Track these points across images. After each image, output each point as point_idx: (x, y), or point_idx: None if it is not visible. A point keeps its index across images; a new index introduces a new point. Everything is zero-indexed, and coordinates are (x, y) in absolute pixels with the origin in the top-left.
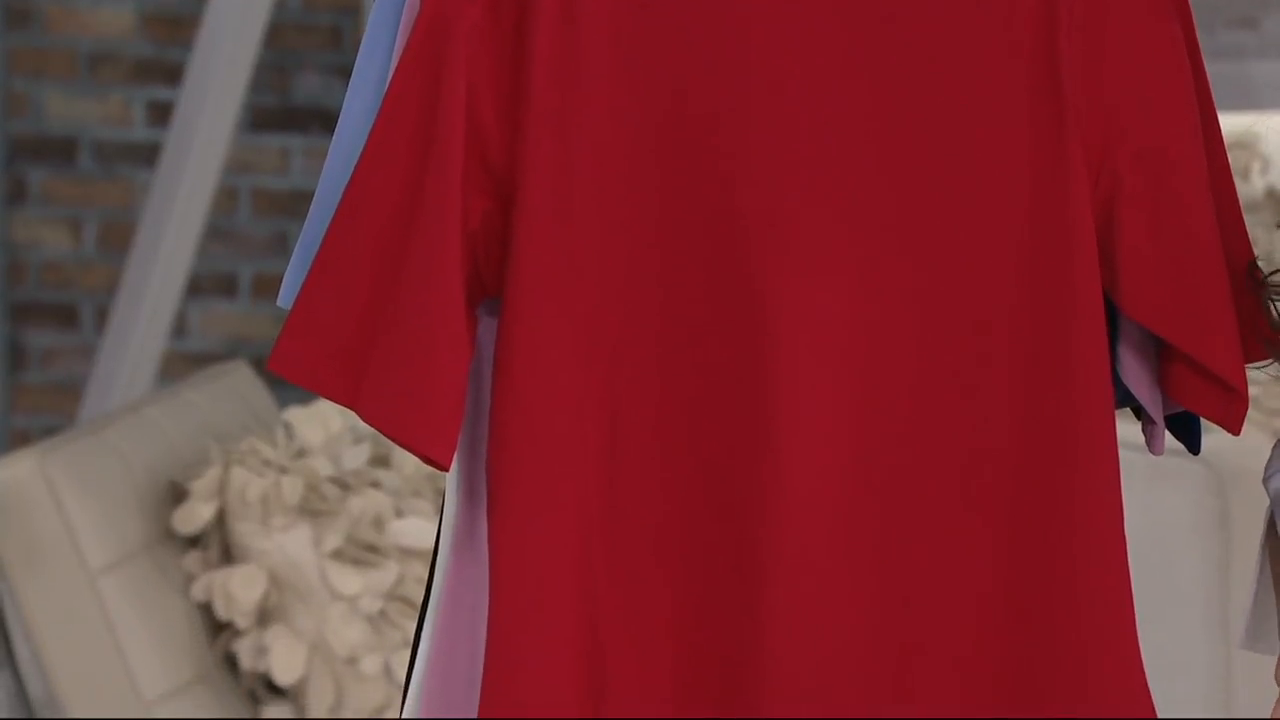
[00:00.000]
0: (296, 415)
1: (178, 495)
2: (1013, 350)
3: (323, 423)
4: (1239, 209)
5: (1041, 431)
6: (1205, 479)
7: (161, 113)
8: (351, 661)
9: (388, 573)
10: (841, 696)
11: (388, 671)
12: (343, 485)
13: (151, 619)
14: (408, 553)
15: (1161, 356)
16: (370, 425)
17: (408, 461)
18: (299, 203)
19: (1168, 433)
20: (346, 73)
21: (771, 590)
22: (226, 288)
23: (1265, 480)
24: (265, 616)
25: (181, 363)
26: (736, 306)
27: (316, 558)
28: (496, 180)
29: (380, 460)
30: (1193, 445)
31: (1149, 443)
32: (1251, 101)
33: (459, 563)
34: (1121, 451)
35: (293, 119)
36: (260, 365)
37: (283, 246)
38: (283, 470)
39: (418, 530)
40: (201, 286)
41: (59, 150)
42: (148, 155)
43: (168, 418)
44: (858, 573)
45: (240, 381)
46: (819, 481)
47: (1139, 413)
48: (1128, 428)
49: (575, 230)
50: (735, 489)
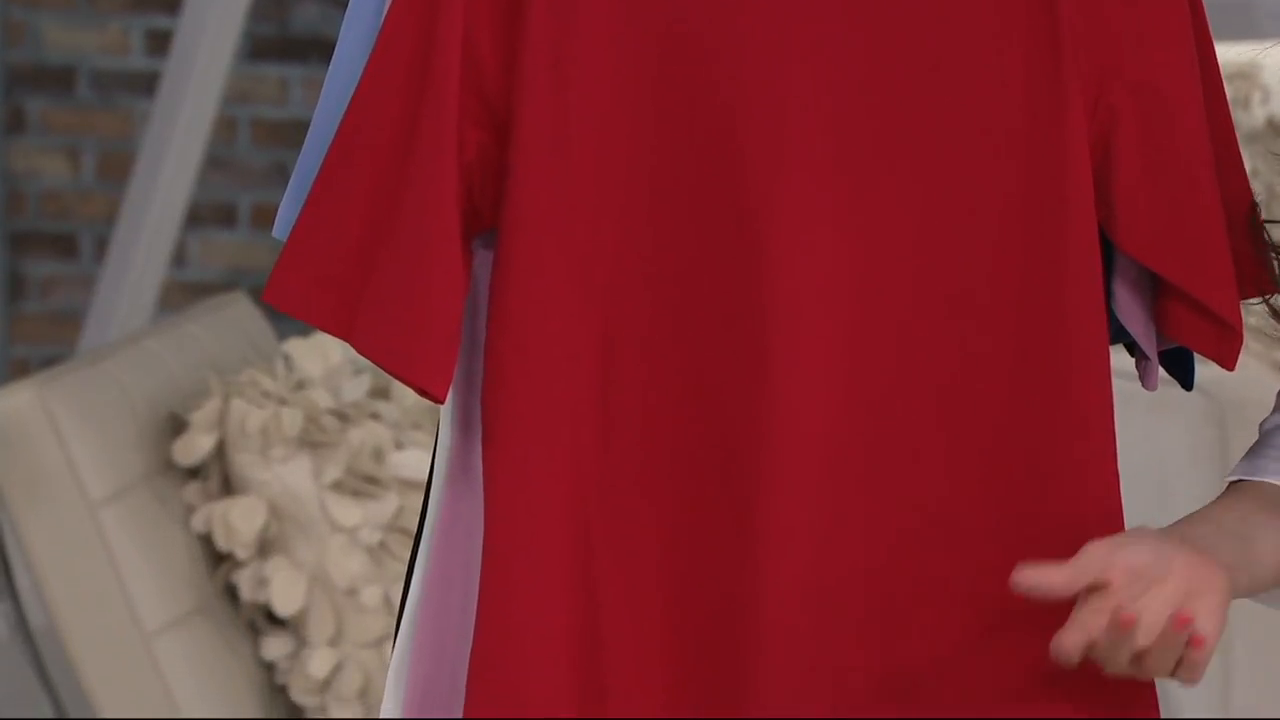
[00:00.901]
0: (296, 347)
1: (177, 426)
2: (1007, 283)
3: (322, 354)
4: (1236, 144)
5: (1035, 365)
6: (1204, 409)
7: (160, 42)
8: (351, 593)
9: (387, 504)
10: (835, 621)
11: (388, 602)
12: (342, 417)
13: (151, 550)
14: (407, 484)
15: (1156, 292)
16: (364, 357)
17: (407, 393)
18: (298, 132)
19: (1161, 368)
20: (345, 2)
21: (765, 516)
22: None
23: (1262, 423)
24: (265, 547)
25: (181, 292)
26: (732, 237)
27: (316, 489)
28: (493, 112)
29: (380, 392)
30: (1186, 381)
31: (1142, 378)
32: (1253, 31)
33: (453, 494)
34: (1120, 382)
35: (292, 48)
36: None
37: (282, 176)
38: (282, 402)
39: (417, 462)
40: (201, 216)
41: (57, 79)
42: (146, 84)
43: (167, 349)
44: (850, 499)
45: (240, 313)
46: (813, 410)
47: (1132, 348)
48: (1127, 358)
49: (572, 162)
50: (730, 418)
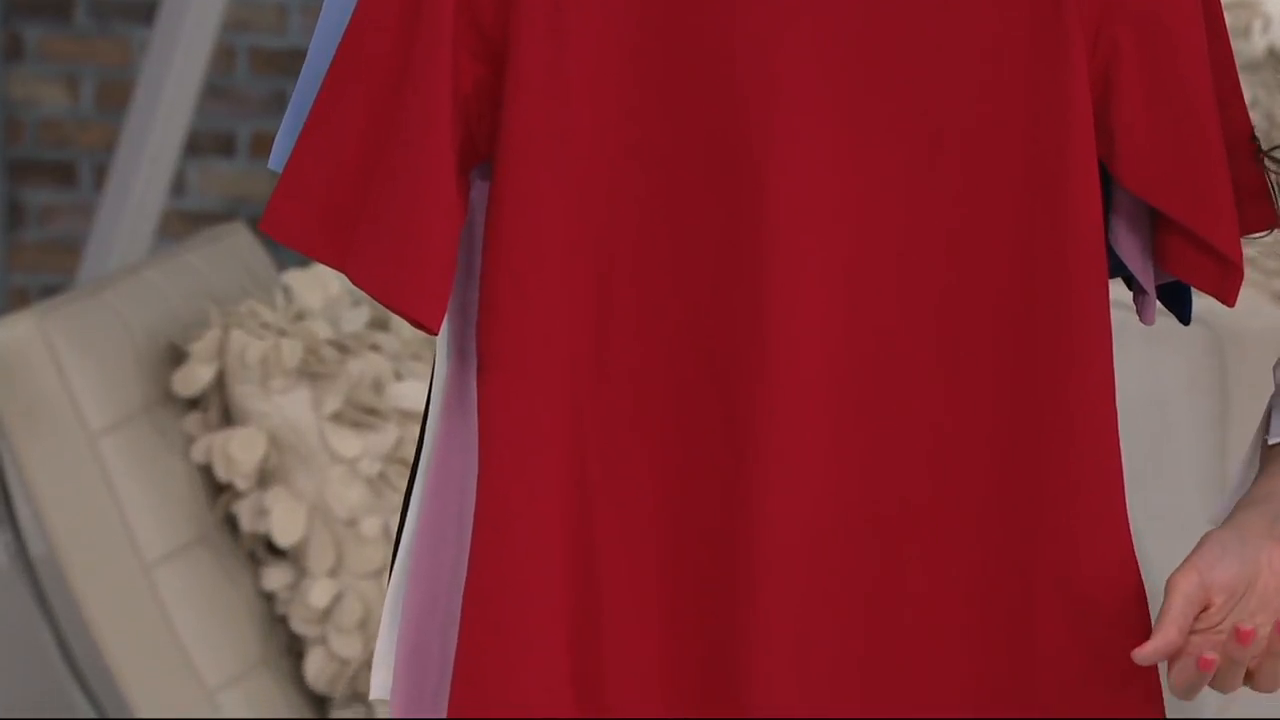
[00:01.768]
0: (295, 278)
1: (177, 357)
2: (1005, 219)
3: (321, 285)
4: (1236, 75)
5: (1034, 301)
6: (1203, 339)
7: None
8: (351, 523)
9: (387, 435)
10: (834, 557)
11: (387, 533)
12: (342, 348)
13: (151, 480)
14: (407, 415)
15: (1156, 227)
16: (359, 288)
17: (407, 325)
18: (297, 61)
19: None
20: None
21: (763, 451)
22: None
23: (1276, 367)
24: (265, 478)
25: (180, 221)
26: (728, 172)
27: (316, 420)
28: (489, 43)
29: (379, 323)
30: (1183, 316)
31: (1140, 313)
32: None
33: (449, 425)
34: (1118, 313)
35: None
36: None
37: (280, 105)
38: (282, 333)
39: (417, 393)
40: (200, 145)
41: (56, 7)
42: (145, 12)
43: (167, 280)
44: (849, 435)
45: (239, 243)
46: (810, 347)
47: (1130, 283)
48: (1125, 289)
49: (568, 95)
50: (726, 354)
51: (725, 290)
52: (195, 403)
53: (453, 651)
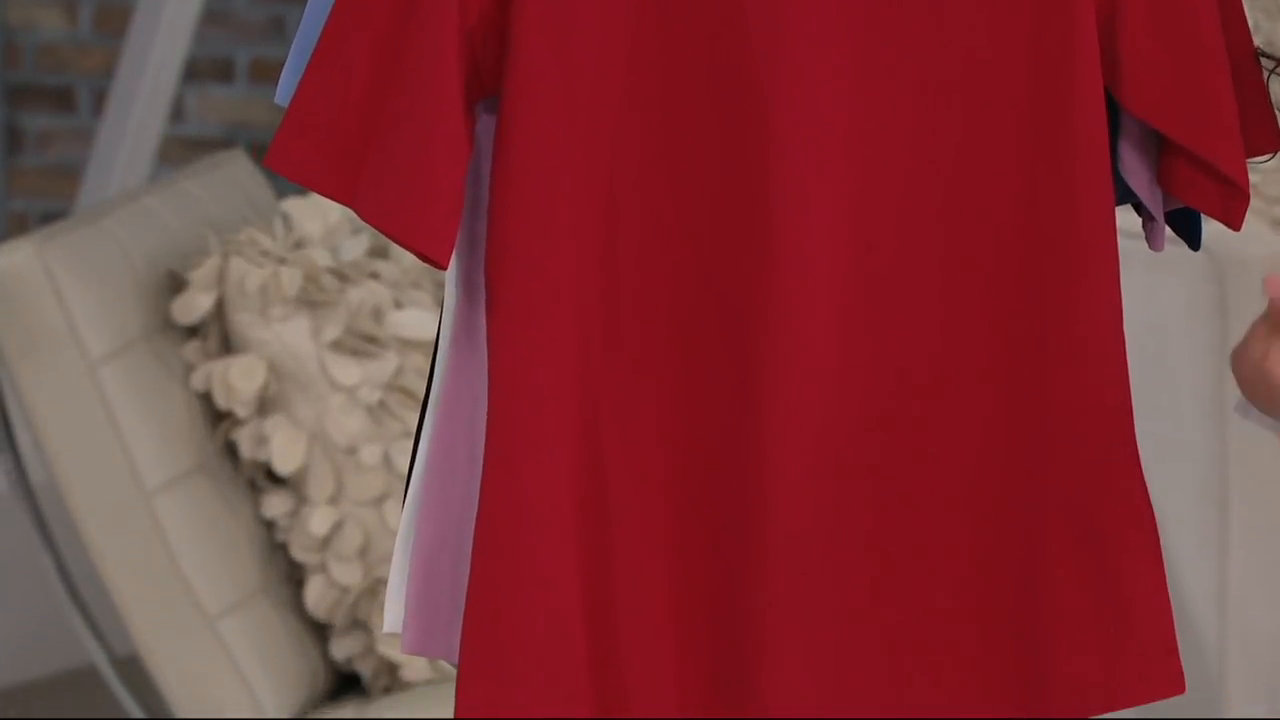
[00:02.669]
0: (295, 206)
1: (176, 285)
2: (1011, 145)
3: (321, 213)
4: (1241, 2)
5: (1040, 226)
6: (1204, 266)
7: None
8: (351, 451)
9: (387, 363)
10: (839, 481)
11: (387, 461)
12: (341, 276)
13: (151, 408)
14: (407, 344)
15: (1162, 152)
16: (368, 223)
17: (406, 253)
18: None
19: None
20: None
21: (772, 376)
22: (223, 72)
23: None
24: (265, 406)
25: (179, 147)
26: (735, 100)
27: (315, 348)
28: None
29: (379, 251)
30: (1193, 241)
31: (1149, 239)
32: None
33: (458, 358)
34: (1121, 240)
35: None
36: (258, 151)
37: (280, 31)
38: (281, 261)
39: (417, 321)
40: (198, 71)
41: None
42: None
43: (166, 207)
44: (855, 363)
45: (238, 171)
46: (817, 272)
47: (1139, 209)
48: (1127, 216)
49: (574, 27)
50: (733, 281)
51: (733, 218)
52: (195, 330)
53: (464, 587)
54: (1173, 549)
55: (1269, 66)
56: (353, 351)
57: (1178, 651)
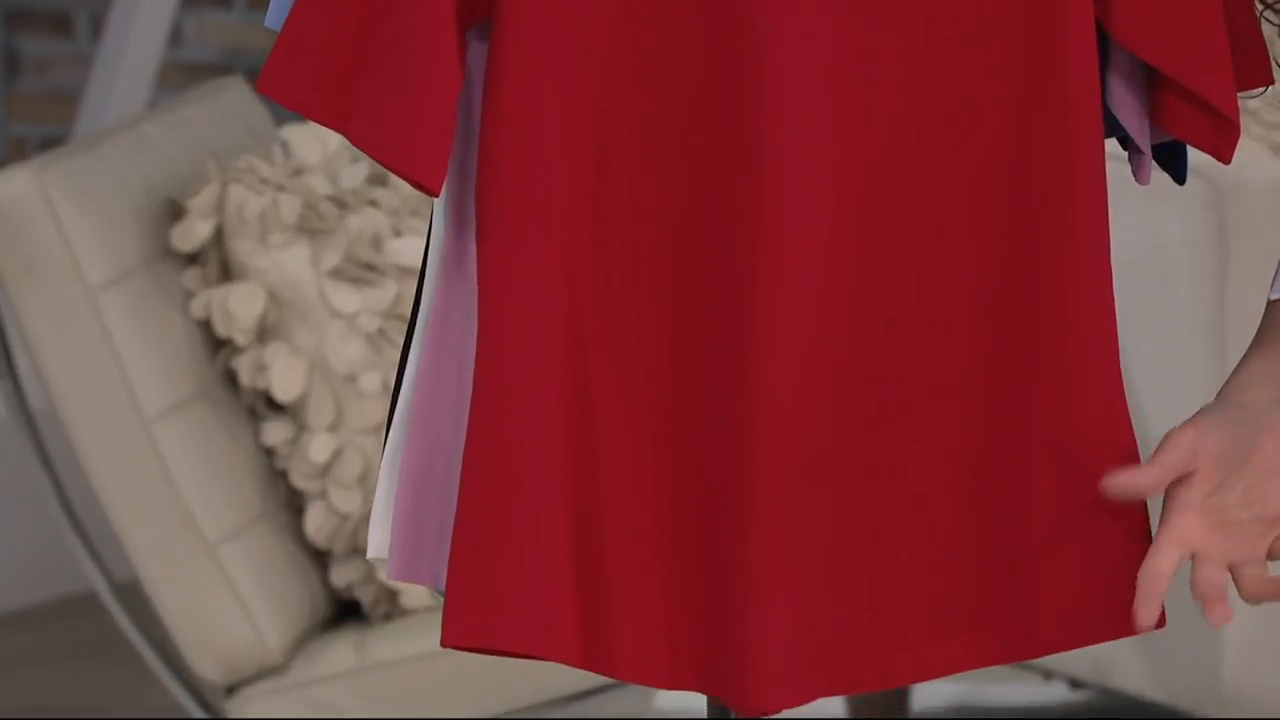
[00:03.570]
0: (294, 133)
1: (175, 212)
2: (1003, 76)
3: (320, 141)
4: None
5: (1029, 160)
6: (1202, 193)
7: None
8: (350, 379)
9: (386, 291)
10: (827, 416)
11: (386, 389)
12: (340, 204)
13: (151, 335)
14: (405, 271)
15: (1152, 85)
16: (360, 149)
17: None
18: None
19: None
20: None
21: (763, 315)
22: None
23: None
24: (264, 333)
25: (178, 73)
26: (728, 33)
27: (315, 276)
28: None
29: (378, 179)
30: (1179, 175)
31: (1135, 173)
32: None
33: (446, 286)
34: (1117, 167)
35: None
36: (256, 77)
37: None
38: (280, 188)
39: (415, 249)
40: None
41: None
42: None
43: (164, 134)
44: (843, 294)
45: (237, 98)
46: (807, 203)
47: (1125, 143)
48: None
49: None
50: (724, 211)
51: (723, 146)
52: (194, 258)
53: (451, 515)
54: None
55: (1261, 4)
56: (352, 279)
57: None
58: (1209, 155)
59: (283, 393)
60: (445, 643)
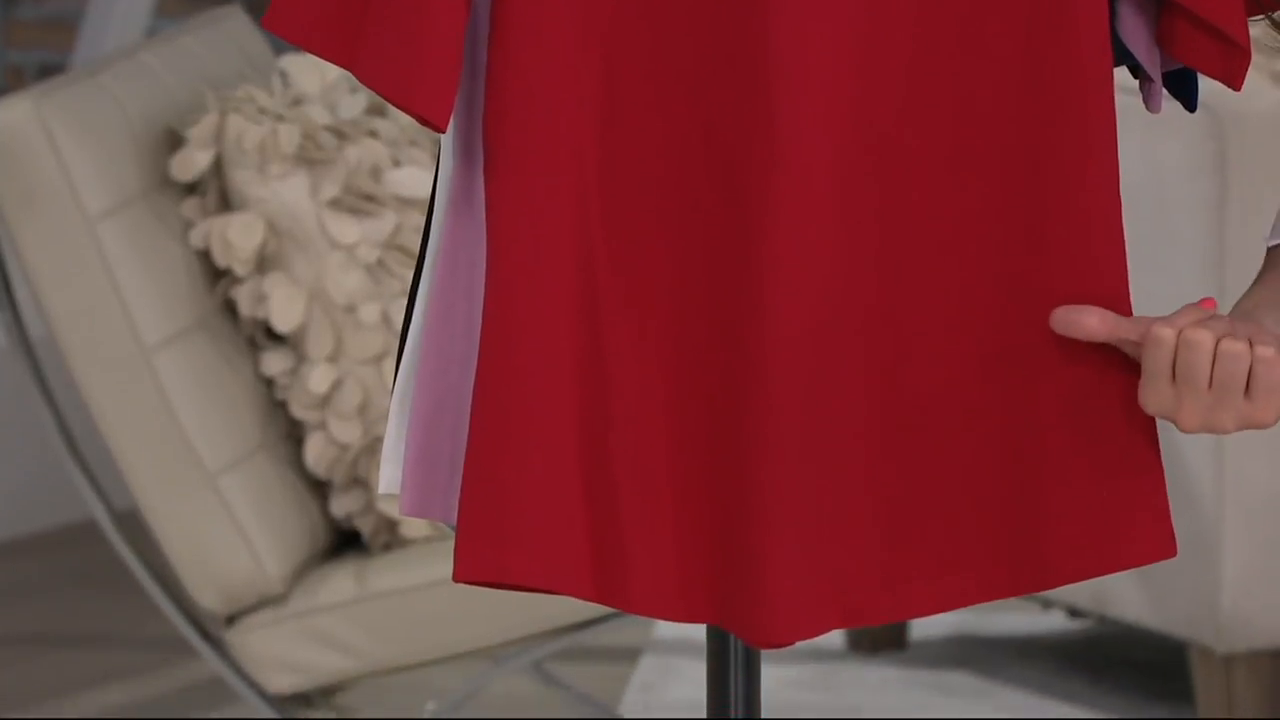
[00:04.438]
0: (293, 63)
1: (174, 142)
2: (1012, 5)
3: (319, 71)
4: None
5: (1040, 89)
6: (1203, 122)
7: None
8: (350, 309)
9: (385, 222)
10: (840, 344)
11: (386, 319)
12: (340, 134)
13: (150, 265)
14: (405, 202)
15: (1161, 12)
16: (367, 86)
17: None
18: None
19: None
20: None
21: (772, 242)
22: None
23: None
24: (263, 264)
25: (176, 1)
26: None
27: (314, 206)
28: None
29: (377, 109)
30: (1190, 103)
31: (1146, 101)
32: None
33: (455, 221)
34: (1121, 97)
35: None
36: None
37: None
38: (279, 118)
39: (415, 180)
40: None
41: None
42: None
43: (163, 63)
44: (854, 221)
45: (236, 27)
46: (818, 132)
47: (1135, 72)
48: (1127, 73)
49: None
50: (733, 143)
51: (733, 80)
52: (193, 188)
53: (462, 451)
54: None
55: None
56: (351, 210)
57: (1170, 516)
58: (1219, 82)
59: (282, 323)
60: (457, 577)
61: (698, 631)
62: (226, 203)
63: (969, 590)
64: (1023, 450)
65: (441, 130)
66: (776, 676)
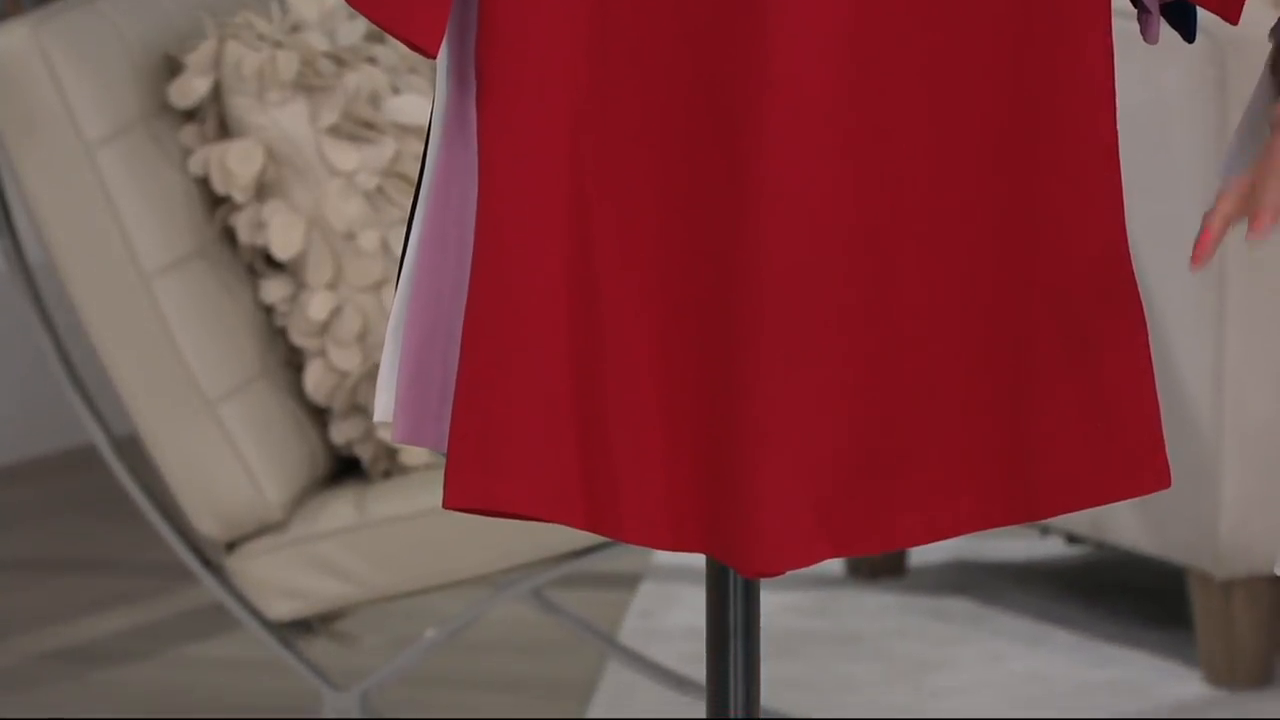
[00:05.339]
0: None
1: (173, 68)
2: None
3: None
4: None
5: (1035, 17)
6: (1204, 49)
7: None
8: (349, 237)
9: (384, 149)
10: (829, 273)
11: (385, 247)
12: (338, 61)
13: (149, 191)
14: (404, 129)
15: None
16: (358, 11)
17: None
18: None
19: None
20: None
21: (762, 171)
22: None
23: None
24: (262, 191)
25: None
26: None
27: (313, 133)
28: None
29: (376, 35)
30: (1188, 34)
31: (1143, 32)
32: None
33: (449, 148)
34: (1120, 23)
35: None
36: None
37: None
38: (278, 44)
39: (414, 106)
40: None
41: None
42: None
43: None
44: (845, 152)
45: None
46: (810, 65)
47: (1135, 2)
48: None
49: None
50: (725, 72)
51: (726, 11)
52: (191, 114)
53: (454, 376)
54: (1170, 331)
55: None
56: (350, 137)
57: (1164, 447)
58: (1215, 16)
59: (281, 250)
60: (447, 504)
61: (697, 559)
62: (225, 129)
63: (960, 520)
64: (1015, 380)
65: (432, 57)
66: (776, 602)
